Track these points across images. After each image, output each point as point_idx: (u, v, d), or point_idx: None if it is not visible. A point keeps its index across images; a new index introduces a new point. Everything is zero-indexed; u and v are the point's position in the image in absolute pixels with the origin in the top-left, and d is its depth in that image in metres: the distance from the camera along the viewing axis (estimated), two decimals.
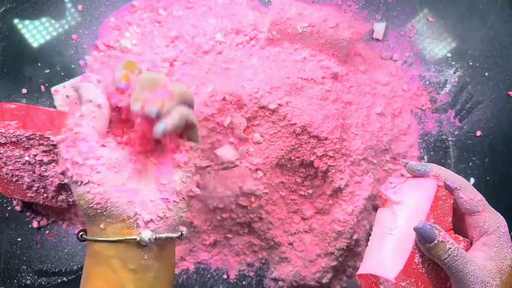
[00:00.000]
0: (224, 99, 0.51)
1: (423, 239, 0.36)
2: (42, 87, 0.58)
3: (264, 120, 0.53)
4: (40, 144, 0.49)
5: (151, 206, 0.37)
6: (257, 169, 0.54)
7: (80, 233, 0.36)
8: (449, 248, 0.35)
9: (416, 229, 0.36)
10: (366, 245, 0.54)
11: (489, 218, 0.39)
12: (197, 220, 0.58)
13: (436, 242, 0.35)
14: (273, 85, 0.52)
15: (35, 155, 0.50)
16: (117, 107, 0.39)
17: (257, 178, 0.55)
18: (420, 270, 0.38)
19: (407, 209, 0.40)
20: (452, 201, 0.40)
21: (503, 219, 0.40)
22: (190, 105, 0.40)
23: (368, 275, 0.39)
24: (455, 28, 0.62)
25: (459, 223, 0.41)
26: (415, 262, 0.37)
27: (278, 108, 0.52)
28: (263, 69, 0.54)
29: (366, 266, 0.40)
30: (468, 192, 0.40)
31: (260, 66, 0.54)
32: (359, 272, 0.40)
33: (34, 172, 0.51)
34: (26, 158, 0.50)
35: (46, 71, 0.58)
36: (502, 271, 0.36)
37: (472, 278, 0.35)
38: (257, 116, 0.53)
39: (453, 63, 0.62)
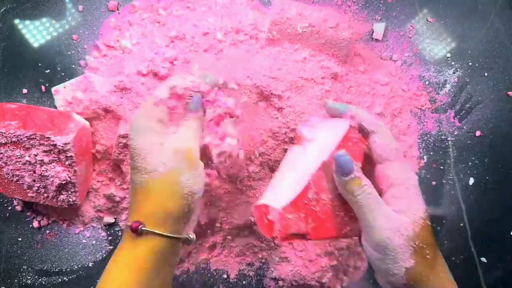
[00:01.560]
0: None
1: (341, 170, 0.35)
2: (43, 87, 0.58)
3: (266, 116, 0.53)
4: (40, 144, 0.50)
5: None
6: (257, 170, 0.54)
7: (140, 226, 0.36)
8: (365, 185, 0.34)
9: (336, 157, 0.35)
10: None
11: (399, 168, 0.37)
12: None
13: (352, 176, 0.34)
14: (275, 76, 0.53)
15: (35, 155, 0.50)
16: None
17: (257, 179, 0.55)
18: (313, 208, 0.36)
19: (316, 147, 0.39)
20: (365, 147, 0.38)
21: (415, 174, 0.38)
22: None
23: (261, 206, 0.38)
24: (455, 29, 0.62)
25: (369, 176, 0.38)
26: (309, 198, 0.36)
27: (280, 98, 0.53)
28: (265, 64, 0.54)
29: (262, 198, 0.39)
30: (384, 138, 0.38)
31: (262, 61, 0.54)
32: (256, 203, 0.39)
33: (34, 172, 0.51)
34: (27, 158, 0.50)
35: (47, 71, 0.58)
36: (415, 223, 0.35)
37: (384, 222, 0.34)
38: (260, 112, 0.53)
39: (453, 63, 0.62)
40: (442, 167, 0.62)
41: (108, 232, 0.60)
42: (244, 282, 0.61)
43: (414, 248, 0.34)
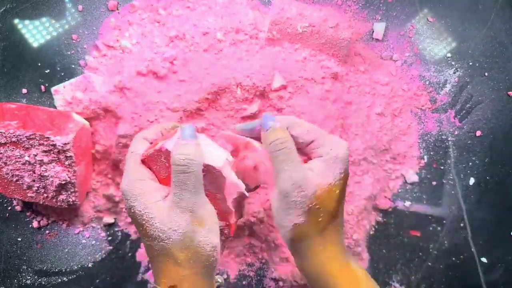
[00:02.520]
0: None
1: (263, 124, 0.37)
2: (42, 87, 0.58)
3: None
4: (40, 144, 0.50)
5: None
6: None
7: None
8: (281, 137, 0.36)
9: (263, 116, 0.37)
10: (366, 245, 0.55)
11: (323, 143, 0.38)
12: None
13: (270, 127, 0.37)
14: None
15: (35, 155, 0.50)
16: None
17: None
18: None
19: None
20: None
21: (342, 142, 0.38)
22: None
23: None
24: (455, 28, 0.62)
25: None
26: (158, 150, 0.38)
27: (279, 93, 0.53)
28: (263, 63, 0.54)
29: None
30: (297, 128, 0.39)
31: (262, 61, 0.54)
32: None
33: (34, 172, 0.51)
34: (26, 158, 0.50)
35: (46, 71, 0.58)
36: (320, 186, 0.35)
37: (290, 174, 0.35)
38: (260, 112, 0.53)
39: (453, 63, 0.62)
40: (442, 167, 0.62)
41: (108, 232, 0.60)
42: (244, 282, 0.61)
43: (309, 208, 0.35)
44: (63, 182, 0.52)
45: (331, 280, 0.36)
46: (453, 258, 0.61)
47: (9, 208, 0.59)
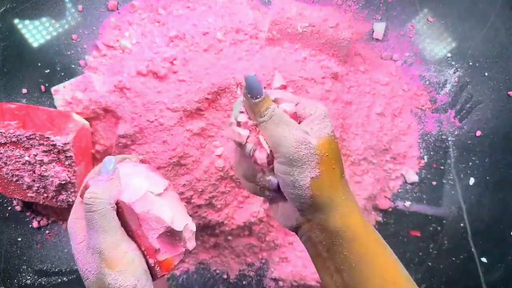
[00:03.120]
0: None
1: (250, 92, 0.36)
2: (42, 87, 0.58)
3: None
4: (40, 144, 0.49)
5: None
6: None
7: None
8: (272, 105, 0.36)
9: (247, 79, 0.36)
10: None
11: (307, 104, 0.38)
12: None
13: (260, 98, 0.35)
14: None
15: (35, 155, 0.50)
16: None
17: None
18: None
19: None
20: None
21: (322, 107, 0.38)
22: None
23: None
24: (455, 28, 0.62)
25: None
26: None
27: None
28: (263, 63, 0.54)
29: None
30: (279, 95, 0.38)
31: (262, 61, 0.54)
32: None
33: (34, 172, 0.51)
34: (26, 158, 0.50)
35: (46, 71, 0.58)
36: (320, 137, 0.35)
37: (289, 135, 0.34)
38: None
39: (453, 63, 0.62)
40: (442, 167, 0.62)
41: None
42: (244, 282, 0.61)
43: (320, 157, 0.35)
44: (63, 182, 0.51)
45: (357, 231, 0.35)
46: (453, 258, 0.61)
47: (9, 208, 0.59)
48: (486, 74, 0.61)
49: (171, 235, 0.38)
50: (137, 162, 0.42)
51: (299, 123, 0.37)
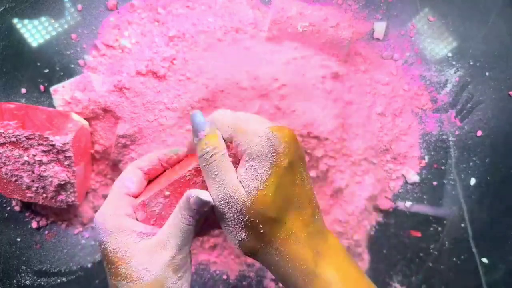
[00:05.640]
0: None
1: (193, 128, 0.34)
2: (42, 87, 0.58)
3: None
4: (39, 144, 0.49)
5: None
6: None
7: None
8: (212, 148, 0.32)
9: (192, 115, 0.34)
10: (367, 246, 0.54)
11: (239, 139, 0.33)
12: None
13: (201, 136, 0.33)
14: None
15: (34, 155, 0.50)
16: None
17: None
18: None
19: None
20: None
21: (256, 130, 0.32)
22: None
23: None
24: (456, 28, 0.61)
25: None
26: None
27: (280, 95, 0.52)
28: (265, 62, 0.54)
29: None
30: (219, 125, 0.35)
31: (262, 61, 0.54)
32: None
33: (33, 172, 0.51)
34: (25, 158, 0.50)
35: (46, 71, 0.58)
36: (250, 195, 0.31)
37: (218, 192, 0.32)
38: (260, 112, 0.53)
39: (454, 62, 0.62)
40: (443, 167, 0.61)
41: None
42: (244, 283, 0.61)
43: (245, 223, 0.32)
44: (62, 182, 0.51)
45: (299, 282, 0.33)
46: (454, 259, 0.61)
47: (8, 208, 0.58)
48: (487, 74, 0.61)
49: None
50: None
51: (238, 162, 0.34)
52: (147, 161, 0.39)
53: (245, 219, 0.32)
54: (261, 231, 0.32)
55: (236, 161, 0.34)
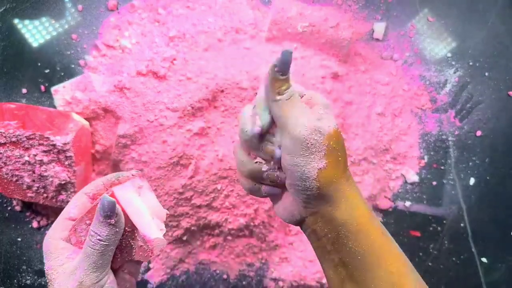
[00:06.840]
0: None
1: (280, 67, 0.35)
2: (42, 87, 0.58)
3: None
4: (40, 144, 0.49)
5: None
6: None
7: None
8: (291, 88, 0.35)
9: (283, 52, 0.34)
10: None
11: (312, 94, 0.37)
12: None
13: (287, 76, 0.35)
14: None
15: (35, 155, 0.50)
16: None
17: None
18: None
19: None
20: None
21: (326, 100, 0.37)
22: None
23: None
24: (455, 28, 0.61)
25: None
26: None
27: None
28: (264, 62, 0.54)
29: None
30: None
31: (261, 61, 0.54)
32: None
33: (34, 172, 0.51)
34: (26, 158, 0.50)
35: (46, 71, 0.58)
36: (330, 126, 0.35)
37: (303, 119, 0.34)
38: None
39: (453, 63, 0.62)
40: (442, 167, 0.61)
41: None
42: (244, 282, 0.61)
43: (328, 147, 0.34)
44: (62, 182, 0.51)
45: (363, 223, 0.35)
46: (454, 258, 0.61)
47: (8, 208, 0.58)
48: (486, 74, 0.61)
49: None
50: (134, 177, 0.41)
51: None
52: (92, 186, 0.40)
53: (328, 144, 0.34)
54: (340, 158, 0.35)
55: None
